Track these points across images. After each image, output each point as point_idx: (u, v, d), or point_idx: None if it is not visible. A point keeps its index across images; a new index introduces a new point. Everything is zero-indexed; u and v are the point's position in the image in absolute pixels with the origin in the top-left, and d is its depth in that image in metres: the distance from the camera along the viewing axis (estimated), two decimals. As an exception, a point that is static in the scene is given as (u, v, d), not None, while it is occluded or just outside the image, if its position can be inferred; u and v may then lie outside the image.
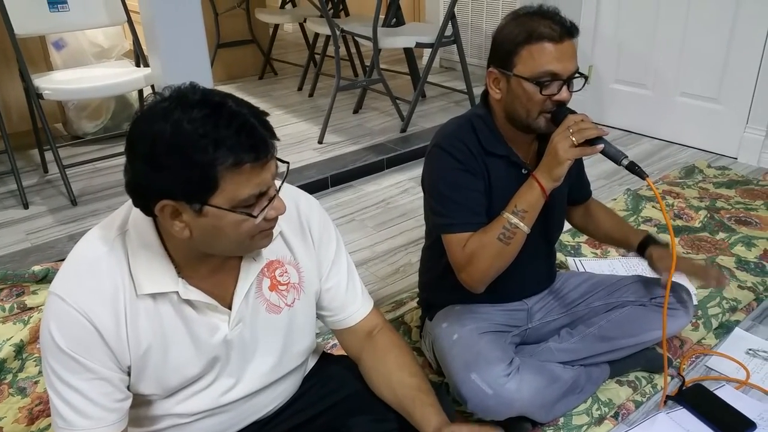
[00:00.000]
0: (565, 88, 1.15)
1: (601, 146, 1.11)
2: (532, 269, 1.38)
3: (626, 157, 1.12)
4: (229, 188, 0.79)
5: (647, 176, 1.12)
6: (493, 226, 1.17)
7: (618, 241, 1.50)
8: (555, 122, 1.15)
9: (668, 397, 1.41)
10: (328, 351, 1.32)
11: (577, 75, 1.16)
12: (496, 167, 1.24)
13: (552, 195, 1.18)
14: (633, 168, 1.12)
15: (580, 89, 1.19)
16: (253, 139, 0.78)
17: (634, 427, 1.35)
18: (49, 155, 2.63)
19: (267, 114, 0.82)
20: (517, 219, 1.15)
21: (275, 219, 0.87)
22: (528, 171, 1.22)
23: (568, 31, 1.14)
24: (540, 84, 1.13)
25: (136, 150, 0.79)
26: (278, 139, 0.82)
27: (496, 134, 1.25)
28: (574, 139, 1.10)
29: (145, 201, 0.82)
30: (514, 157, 1.25)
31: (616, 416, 1.39)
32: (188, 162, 0.76)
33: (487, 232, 1.18)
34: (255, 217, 0.82)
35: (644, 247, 1.40)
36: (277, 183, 0.85)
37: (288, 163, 0.86)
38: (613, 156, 1.12)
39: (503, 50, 1.17)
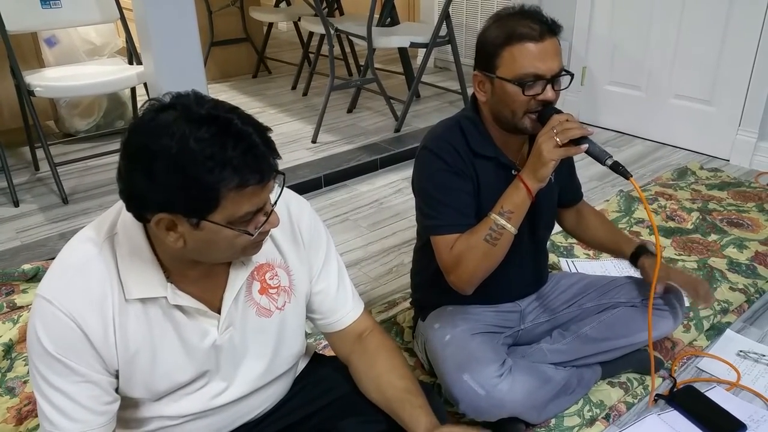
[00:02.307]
0: (549, 87, 1.14)
1: (585, 146, 1.10)
2: (521, 270, 1.38)
3: (611, 156, 1.11)
4: (230, 206, 0.78)
5: (631, 176, 1.11)
6: (480, 228, 1.17)
7: (609, 249, 1.50)
8: (541, 122, 1.15)
9: (659, 396, 1.42)
10: (320, 351, 1.31)
11: (563, 73, 1.16)
12: (485, 169, 1.24)
13: (539, 195, 1.18)
14: (617, 168, 1.11)
15: (567, 87, 1.19)
16: (259, 162, 0.77)
17: (625, 429, 1.35)
18: (40, 153, 2.62)
19: (270, 130, 0.81)
20: (504, 220, 1.15)
21: (268, 231, 0.87)
22: (518, 172, 1.22)
23: (549, 29, 1.13)
24: (522, 85, 1.13)
25: (136, 162, 0.77)
26: (280, 158, 0.82)
27: (485, 136, 1.25)
28: (558, 139, 1.10)
29: (140, 210, 0.81)
30: (503, 158, 1.25)
31: (607, 417, 1.39)
32: (192, 181, 0.75)
33: (473, 234, 1.17)
34: (251, 234, 0.82)
35: (637, 257, 1.39)
36: (272, 197, 0.85)
37: (284, 174, 0.85)
38: (598, 156, 1.11)
39: (485, 53, 1.17)
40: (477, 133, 1.24)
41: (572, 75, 1.19)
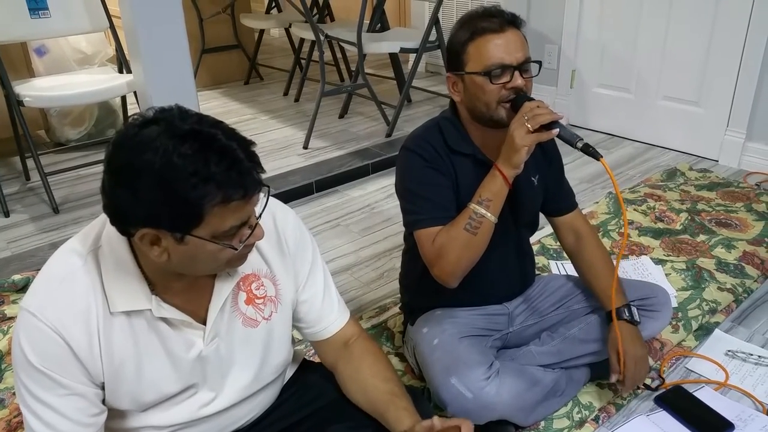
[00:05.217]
0: (517, 74, 1.17)
1: (556, 130, 1.13)
2: (506, 270, 1.39)
3: (581, 139, 1.14)
4: (214, 221, 0.78)
5: (601, 157, 1.13)
6: (460, 218, 1.19)
7: (594, 292, 1.38)
8: (514, 110, 1.18)
9: (646, 387, 1.42)
10: (309, 358, 1.31)
11: (532, 61, 1.19)
12: (463, 166, 1.26)
13: (520, 191, 1.19)
14: (587, 149, 1.13)
15: (536, 75, 1.22)
16: (242, 177, 0.77)
17: (615, 430, 1.36)
18: (30, 162, 2.61)
19: (255, 144, 0.82)
20: (483, 208, 1.17)
21: (253, 244, 0.88)
22: None
23: (508, 21, 1.18)
24: (489, 74, 1.16)
25: (120, 178, 0.77)
26: (264, 171, 0.82)
27: (462, 134, 1.28)
28: (529, 125, 1.12)
29: (124, 225, 0.81)
30: (480, 155, 1.27)
31: (596, 419, 1.39)
32: (176, 197, 0.75)
33: (454, 225, 1.20)
34: (235, 248, 0.83)
35: (610, 318, 1.29)
36: (257, 210, 0.85)
37: (269, 187, 0.85)
38: (569, 139, 1.14)
39: (454, 53, 1.22)
40: (455, 132, 1.27)
41: (540, 63, 1.22)
